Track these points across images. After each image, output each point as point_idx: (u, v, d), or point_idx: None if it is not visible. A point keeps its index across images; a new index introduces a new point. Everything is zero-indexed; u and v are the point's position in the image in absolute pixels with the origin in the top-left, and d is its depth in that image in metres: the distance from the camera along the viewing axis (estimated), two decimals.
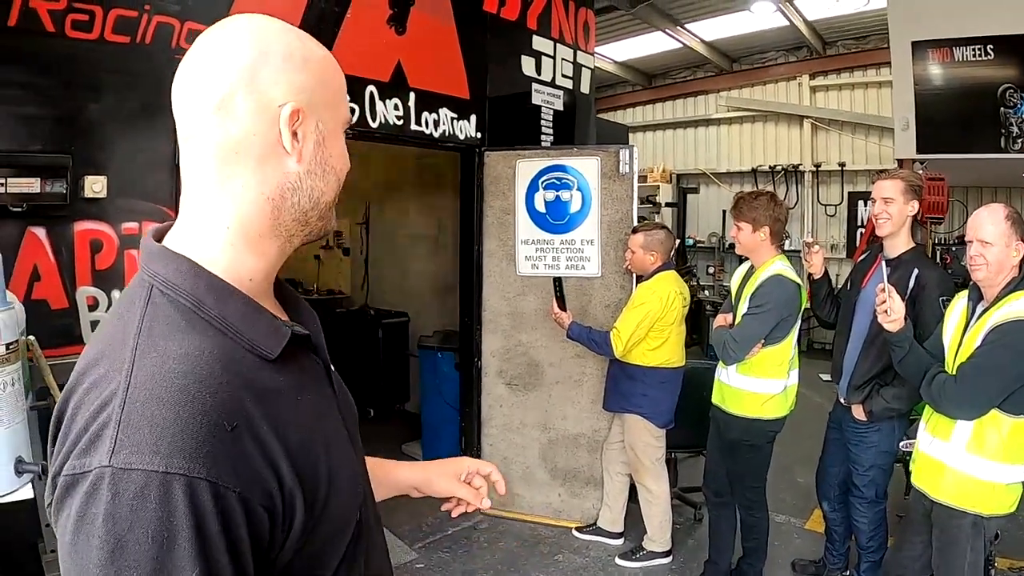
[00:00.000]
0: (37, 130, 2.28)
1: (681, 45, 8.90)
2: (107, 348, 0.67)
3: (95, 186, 2.32)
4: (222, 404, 0.63)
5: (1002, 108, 5.50)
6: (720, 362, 3.01)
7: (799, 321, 2.93)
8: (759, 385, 2.91)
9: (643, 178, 10.06)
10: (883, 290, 2.31)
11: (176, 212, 0.76)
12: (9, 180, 2.12)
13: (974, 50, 5.52)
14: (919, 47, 5.71)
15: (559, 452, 3.96)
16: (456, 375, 4.38)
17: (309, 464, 0.70)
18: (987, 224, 2.15)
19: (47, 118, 2.30)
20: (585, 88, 4.75)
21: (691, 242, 9.96)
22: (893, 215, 2.72)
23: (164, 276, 0.70)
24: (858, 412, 2.84)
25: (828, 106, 9.15)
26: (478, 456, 4.05)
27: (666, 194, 9.83)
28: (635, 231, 3.45)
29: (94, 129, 2.39)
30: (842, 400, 2.97)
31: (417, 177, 5.76)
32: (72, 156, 2.30)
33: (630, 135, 10.67)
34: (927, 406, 2.31)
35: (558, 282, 3.49)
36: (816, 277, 3.14)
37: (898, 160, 5.56)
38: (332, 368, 0.85)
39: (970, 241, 2.19)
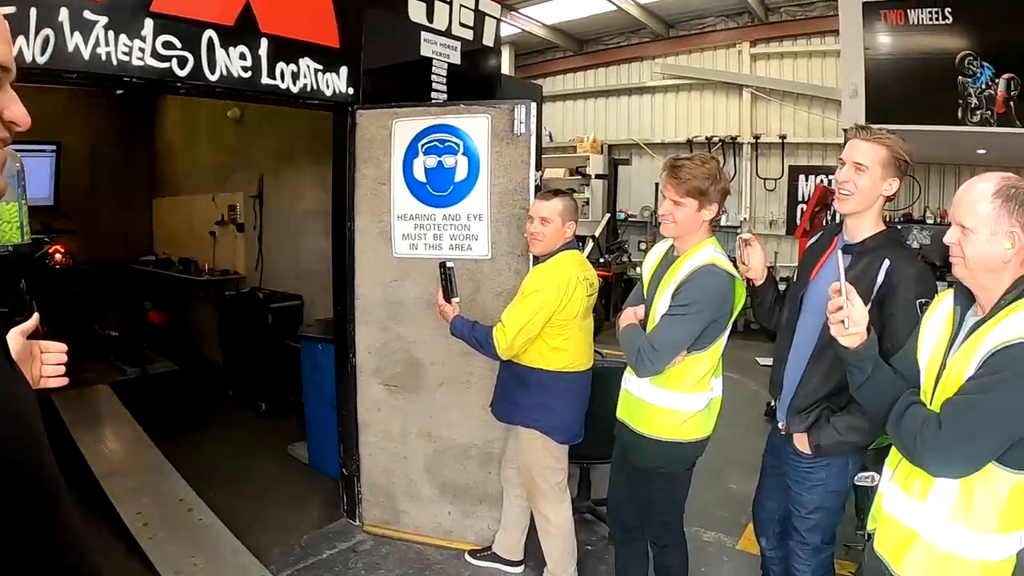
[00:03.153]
0: None
1: (615, 8, 8.40)
2: None
3: None
4: None
5: (960, 77, 5.04)
6: (628, 367, 2.40)
7: (731, 324, 2.31)
8: (678, 401, 2.29)
9: (572, 148, 9.69)
10: (838, 291, 1.64)
11: None
12: None
13: (931, 13, 5.06)
14: (870, 8, 5.24)
15: (447, 465, 3.38)
16: None
17: None
18: (970, 202, 1.51)
19: None
20: (489, 40, 4.09)
21: (623, 216, 9.52)
22: (862, 188, 1.98)
23: None
24: (801, 443, 2.13)
25: (769, 75, 8.79)
26: (358, 467, 3.52)
27: (597, 165, 9.43)
28: (544, 197, 2.76)
29: None
30: (780, 426, 2.24)
31: (311, 146, 5.07)
32: None
33: (560, 103, 10.23)
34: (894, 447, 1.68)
35: (444, 268, 2.82)
36: (757, 284, 2.34)
37: (845, 131, 5.07)
38: None
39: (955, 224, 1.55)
